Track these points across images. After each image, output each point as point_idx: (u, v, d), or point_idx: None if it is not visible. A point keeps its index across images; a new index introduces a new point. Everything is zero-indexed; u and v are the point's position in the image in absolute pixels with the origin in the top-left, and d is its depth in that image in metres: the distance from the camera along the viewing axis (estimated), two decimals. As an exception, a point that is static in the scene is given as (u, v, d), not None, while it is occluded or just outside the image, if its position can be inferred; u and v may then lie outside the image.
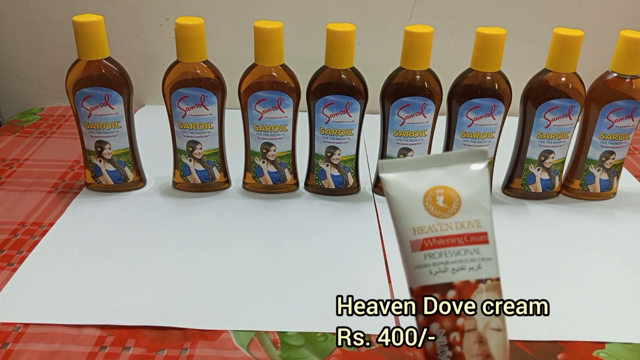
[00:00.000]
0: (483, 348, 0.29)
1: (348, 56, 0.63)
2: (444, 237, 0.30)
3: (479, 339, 0.29)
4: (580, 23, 0.94)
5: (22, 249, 0.60)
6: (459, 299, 0.29)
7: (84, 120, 0.66)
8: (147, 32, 0.95)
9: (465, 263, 0.29)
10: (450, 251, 0.29)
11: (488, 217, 0.30)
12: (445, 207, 0.30)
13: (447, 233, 0.30)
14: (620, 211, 0.70)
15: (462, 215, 0.30)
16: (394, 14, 0.94)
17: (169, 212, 0.67)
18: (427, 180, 0.31)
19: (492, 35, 0.62)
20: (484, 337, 0.29)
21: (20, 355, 0.46)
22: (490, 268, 0.30)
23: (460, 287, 0.29)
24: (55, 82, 1.00)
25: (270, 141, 0.67)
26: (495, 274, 0.30)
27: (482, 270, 0.30)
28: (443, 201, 0.30)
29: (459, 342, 0.29)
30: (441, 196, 0.30)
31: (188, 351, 0.47)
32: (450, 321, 0.29)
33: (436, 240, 0.30)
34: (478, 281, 0.30)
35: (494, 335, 0.30)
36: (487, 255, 0.30)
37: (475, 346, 0.29)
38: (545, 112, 0.66)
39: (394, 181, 0.31)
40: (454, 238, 0.30)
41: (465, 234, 0.30)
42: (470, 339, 0.29)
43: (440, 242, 0.29)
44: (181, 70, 0.64)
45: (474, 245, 0.30)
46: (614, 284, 0.57)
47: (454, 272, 0.29)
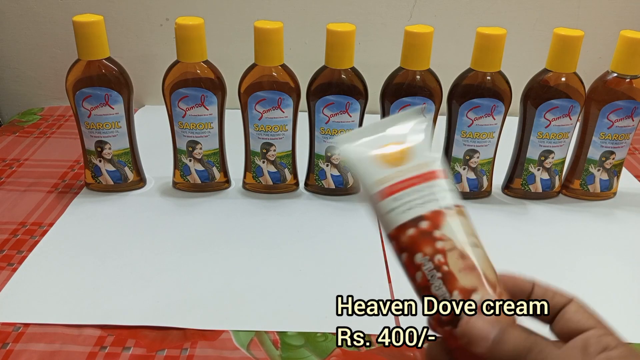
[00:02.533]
0: (467, 261, 0.32)
1: (348, 56, 0.63)
2: (404, 180, 0.33)
3: (461, 255, 0.32)
4: (580, 23, 0.94)
5: (22, 249, 0.60)
6: (432, 228, 0.32)
7: (84, 120, 0.66)
8: (147, 32, 0.95)
9: (429, 196, 0.33)
10: (412, 190, 0.33)
11: (437, 158, 0.35)
12: (399, 157, 0.34)
13: (406, 176, 0.33)
14: (620, 211, 0.70)
15: (416, 160, 0.34)
16: (394, 14, 0.94)
17: (169, 212, 0.67)
18: (378, 141, 0.35)
19: (492, 35, 0.62)
20: (464, 252, 0.32)
21: (20, 355, 0.46)
22: (453, 196, 0.33)
23: (431, 216, 0.32)
24: (55, 82, 1.00)
25: (270, 141, 0.67)
26: (459, 202, 0.34)
27: (446, 199, 0.33)
28: (396, 153, 0.34)
29: (444, 261, 0.31)
30: (394, 149, 0.34)
31: (188, 351, 0.47)
32: (431, 246, 0.32)
33: (398, 185, 0.33)
34: (446, 208, 0.33)
35: (473, 251, 0.32)
36: (447, 187, 0.34)
37: (459, 261, 0.32)
38: (545, 112, 0.66)
39: (350, 150, 0.35)
40: (414, 179, 0.33)
41: (422, 174, 0.33)
42: (453, 256, 0.32)
43: (403, 185, 0.33)
44: (181, 70, 0.64)
45: (433, 181, 0.33)
46: (613, 283, 0.57)
47: (420, 206, 0.32)
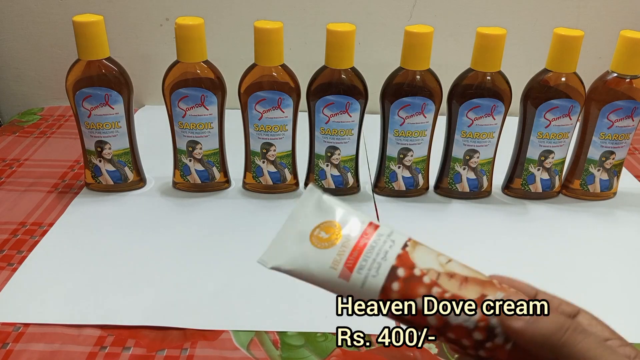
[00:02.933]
0: (457, 276, 0.32)
1: (348, 56, 0.63)
2: (353, 249, 0.32)
3: (449, 275, 0.32)
4: (580, 23, 0.94)
5: (22, 249, 0.60)
6: (410, 270, 0.32)
7: (84, 120, 0.66)
8: (147, 32, 0.95)
9: (384, 247, 0.32)
10: (367, 252, 0.32)
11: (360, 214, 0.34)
12: (331, 234, 0.34)
13: (352, 246, 0.33)
14: (620, 211, 0.70)
15: (346, 228, 0.33)
16: (394, 14, 0.94)
17: (169, 212, 0.67)
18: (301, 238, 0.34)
19: (492, 35, 0.62)
20: (449, 271, 0.32)
21: (20, 355, 0.46)
22: (399, 235, 0.33)
23: (400, 262, 0.32)
24: (55, 82, 1.00)
25: (270, 141, 0.67)
26: (406, 236, 0.34)
27: (398, 239, 0.33)
28: (325, 233, 0.34)
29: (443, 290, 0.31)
30: (321, 232, 0.34)
31: (188, 351, 0.47)
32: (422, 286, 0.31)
33: (351, 256, 0.32)
34: (404, 247, 0.32)
35: (452, 266, 0.32)
36: (388, 231, 0.33)
37: (452, 281, 0.32)
38: (545, 112, 0.65)
39: (285, 259, 0.34)
40: (359, 243, 0.33)
41: (362, 234, 0.33)
42: (445, 281, 0.31)
43: (355, 254, 0.32)
44: (181, 70, 0.64)
45: (375, 233, 0.33)
46: (614, 283, 0.57)
47: (384, 260, 0.32)
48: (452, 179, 0.70)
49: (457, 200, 0.71)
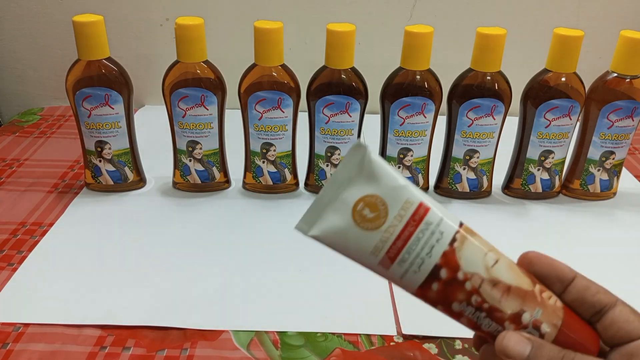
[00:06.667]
0: (501, 285, 0.30)
1: (348, 56, 0.63)
2: (397, 237, 0.30)
3: (492, 283, 0.30)
4: (580, 23, 0.94)
5: (22, 249, 0.60)
6: (453, 273, 0.30)
7: (84, 120, 0.66)
8: (147, 32, 0.95)
9: (431, 240, 0.30)
10: (412, 244, 0.30)
11: (409, 190, 0.30)
12: (375, 214, 0.30)
13: (397, 232, 0.30)
14: (620, 211, 0.70)
15: (394, 206, 0.30)
16: (394, 14, 0.94)
17: (169, 212, 0.67)
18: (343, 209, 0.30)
19: (492, 35, 0.62)
20: (494, 278, 0.30)
21: (20, 355, 0.46)
22: (450, 221, 0.30)
23: (445, 261, 0.29)
24: (55, 82, 1.00)
25: (270, 141, 0.67)
26: (457, 224, 0.30)
27: (447, 230, 0.30)
28: (370, 212, 0.30)
29: (482, 299, 0.30)
30: (365, 209, 0.30)
31: (188, 351, 0.47)
32: (461, 292, 0.30)
33: (394, 247, 0.30)
34: (452, 242, 0.30)
35: (498, 270, 0.30)
36: (439, 216, 0.30)
37: (495, 291, 0.30)
38: (545, 112, 0.65)
39: (324, 229, 0.31)
40: (405, 231, 0.30)
41: (409, 220, 0.30)
42: (487, 290, 0.30)
43: (399, 244, 0.30)
44: (181, 70, 0.64)
45: (424, 220, 0.30)
46: (614, 283, 0.57)
47: (429, 257, 0.29)
48: (452, 179, 0.70)
49: (457, 200, 0.71)
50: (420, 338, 0.49)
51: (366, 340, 0.49)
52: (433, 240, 0.30)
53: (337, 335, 0.49)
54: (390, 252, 0.30)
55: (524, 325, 0.30)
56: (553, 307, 0.31)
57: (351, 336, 0.49)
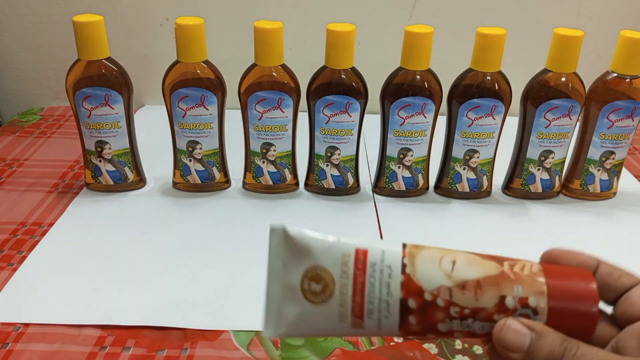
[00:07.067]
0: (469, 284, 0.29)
1: (348, 56, 0.63)
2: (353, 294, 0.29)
3: (461, 286, 0.29)
4: (580, 23, 0.94)
5: (22, 249, 0.60)
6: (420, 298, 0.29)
7: (84, 120, 0.66)
8: (147, 32, 0.95)
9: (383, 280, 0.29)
10: (369, 293, 0.29)
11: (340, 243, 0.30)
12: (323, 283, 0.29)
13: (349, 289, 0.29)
14: (620, 211, 0.70)
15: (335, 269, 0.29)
16: (394, 14, 0.94)
17: (169, 212, 0.67)
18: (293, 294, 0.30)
19: (492, 35, 0.62)
20: (459, 281, 0.29)
21: (20, 355, 0.46)
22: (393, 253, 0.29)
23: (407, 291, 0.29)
24: (55, 82, 1.00)
25: (270, 141, 0.67)
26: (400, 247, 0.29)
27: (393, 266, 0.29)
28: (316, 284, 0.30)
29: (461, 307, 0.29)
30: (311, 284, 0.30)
31: (188, 351, 0.47)
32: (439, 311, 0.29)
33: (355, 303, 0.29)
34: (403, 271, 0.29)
35: (460, 271, 0.29)
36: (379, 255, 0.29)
37: (467, 293, 0.29)
38: (545, 112, 0.65)
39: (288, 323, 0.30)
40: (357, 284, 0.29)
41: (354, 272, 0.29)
42: (458, 296, 0.29)
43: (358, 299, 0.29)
44: (181, 70, 0.64)
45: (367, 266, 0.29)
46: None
47: (390, 295, 0.29)
48: (452, 179, 0.70)
49: (457, 200, 0.71)
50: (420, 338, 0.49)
51: (366, 340, 0.49)
52: (385, 277, 0.29)
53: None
54: (354, 311, 0.29)
55: (512, 310, 0.29)
56: (530, 276, 0.29)
57: (351, 336, 0.49)
